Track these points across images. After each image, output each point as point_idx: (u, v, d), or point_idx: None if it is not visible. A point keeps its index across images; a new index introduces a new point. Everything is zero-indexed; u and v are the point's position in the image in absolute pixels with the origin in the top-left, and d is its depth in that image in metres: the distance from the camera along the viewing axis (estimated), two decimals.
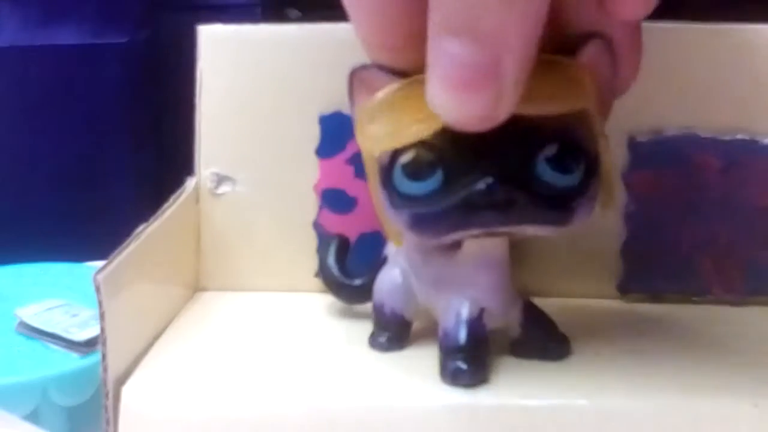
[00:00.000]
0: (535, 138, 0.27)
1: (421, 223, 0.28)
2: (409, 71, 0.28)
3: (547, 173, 0.27)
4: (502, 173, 0.27)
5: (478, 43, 0.25)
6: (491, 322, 0.30)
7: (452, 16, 0.25)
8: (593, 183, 0.28)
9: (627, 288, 0.36)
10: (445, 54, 0.26)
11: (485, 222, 0.27)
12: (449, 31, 0.26)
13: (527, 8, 0.25)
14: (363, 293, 0.34)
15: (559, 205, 0.27)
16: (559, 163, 0.27)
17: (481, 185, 0.27)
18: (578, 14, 0.29)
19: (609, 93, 0.30)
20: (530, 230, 0.28)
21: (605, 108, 0.30)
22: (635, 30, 0.30)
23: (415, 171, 0.28)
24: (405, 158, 0.28)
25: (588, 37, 0.28)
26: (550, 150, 0.27)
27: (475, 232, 0.28)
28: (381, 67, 0.29)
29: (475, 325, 0.30)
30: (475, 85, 0.25)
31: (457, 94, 0.26)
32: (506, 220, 0.27)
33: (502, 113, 0.26)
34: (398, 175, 0.28)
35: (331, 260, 0.35)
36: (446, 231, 0.28)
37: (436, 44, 0.26)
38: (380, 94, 0.28)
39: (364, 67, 0.30)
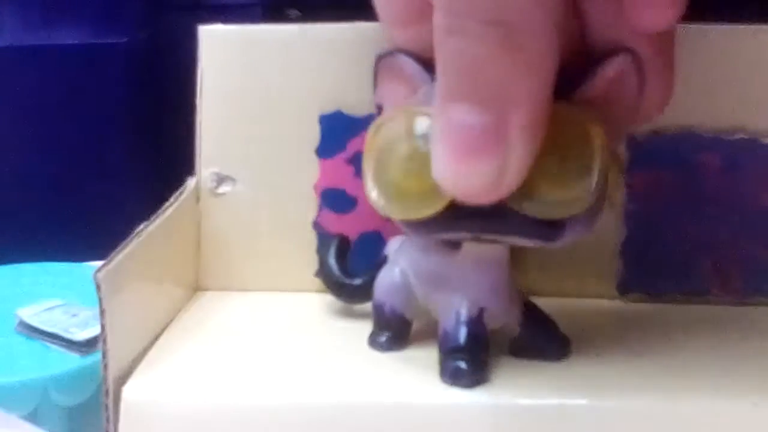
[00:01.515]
0: None
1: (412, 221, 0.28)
2: (427, 53, 0.28)
3: None
4: None
5: (483, 104, 0.25)
6: (491, 322, 0.30)
7: (456, 80, 0.25)
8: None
9: (626, 288, 0.36)
10: (450, 122, 0.25)
11: (472, 227, 0.28)
12: (454, 97, 0.25)
13: (533, 61, 0.25)
14: (363, 293, 0.33)
15: (549, 222, 0.27)
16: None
17: None
18: (603, 29, 0.28)
19: (632, 113, 0.29)
20: (518, 241, 0.28)
21: (624, 128, 0.30)
22: (666, 50, 0.29)
23: None
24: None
25: (616, 51, 0.28)
26: None
27: (462, 235, 0.28)
28: (406, 54, 0.29)
29: (475, 324, 0.30)
30: (481, 149, 0.25)
31: (462, 163, 0.25)
32: (492, 228, 0.28)
33: (509, 182, 0.25)
34: None
35: (332, 260, 0.35)
36: (435, 232, 0.28)
37: (442, 115, 0.25)
38: (385, 141, 0.28)
39: (390, 54, 0.30)
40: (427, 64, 0.29)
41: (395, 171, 0.28)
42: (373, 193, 0.28)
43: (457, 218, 0.27)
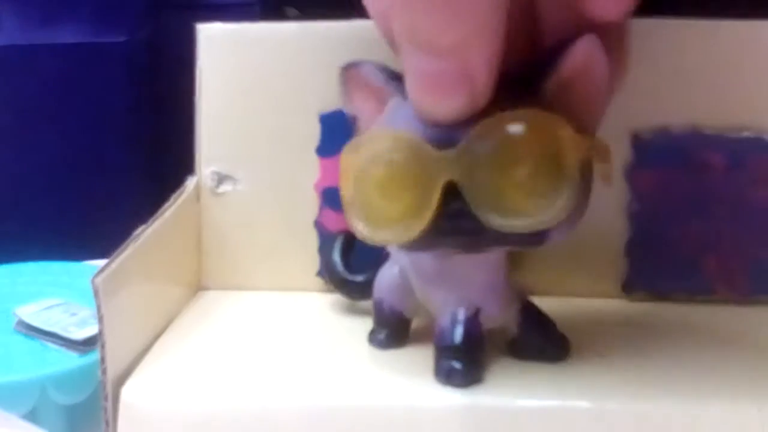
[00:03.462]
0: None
1: None
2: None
3: None
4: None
5: (441, 55, 0.26)
6: (487, 322, 0.30)
7: (411, 30, 0.26)
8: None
9: (631, 287, 0.36)
10: (412, 63, 0.26)
11: (455, 245, 0.28)
12: (412, 44, 0.26)
13: (485, 13, 0.25)
14: (365, 289, 0.33)
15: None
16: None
17: (448, 210, 0.27)
18: (554, 22, 0.29)
19: (605, 94, 0.29)
20: (505, 249, 0.28)
21: (600, 109, 0.29)
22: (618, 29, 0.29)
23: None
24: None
25: (579, 36, 0.28)
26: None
27: (448, 251, 0.28)
28: (372, 64, 0.30)
29: (471, 324, 0.30)
30: (446, 91, 0.26)
31: (431, 99, 0.26)
32: (475, 245, 0.28)
33: (480, 104, 0.26)
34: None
35: (336, 256, 0.35)
36: (418, 249, 0.28)
37: (403, 52, 0.26)
38: (360, 166, 0.28)
39: (354, 65, 0.30)
40: (394, 74, 0.29)
41: (370, 198, 0.28)
42: (358, 224, 0.28)
43: (439, 237, 0.27)
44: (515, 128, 0.26)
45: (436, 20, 0.25)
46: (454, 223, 0.27)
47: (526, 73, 0.28)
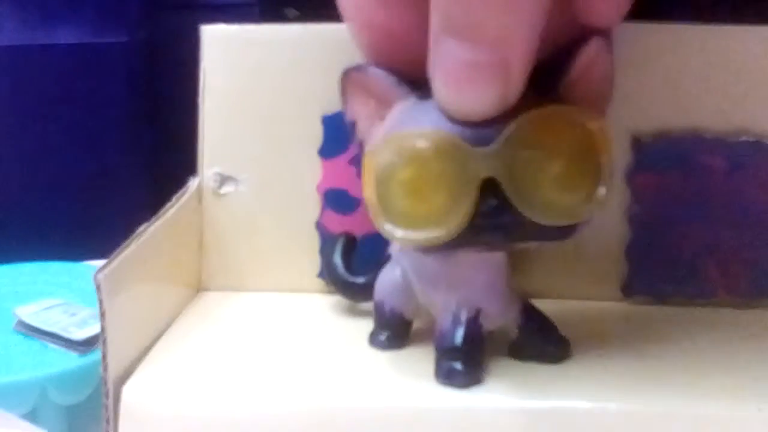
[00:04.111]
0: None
1: None
2: (398, 60, 0.28)
3: None
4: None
5: (483, 45, 0.25)
6: (488, 323, 0.30)
7: (454, 18, 0.26)
8: None
9: (631, 290, 0.36)
10: (449, 54, 0.26)
11: (490, 242, 0.28)
12: (452, 33, 0.26)
13: (530, 9, 0.25)
14: (366, 291, 0.33)
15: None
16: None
17: (485, 207, 0.27)
18: (548, 26, 0.29)
19: (608, 90, 0.30)
20: (534, 245, 0.28)
21: (604, 105, 0.30)
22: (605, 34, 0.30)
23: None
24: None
25: (586, 38, 0.28)
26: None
27: (479, 249, 0.28)
28: (376, 67, 0.30)
29: (471, 325, 0.30)
30: (482, 83, 0.26)
31: (464, 92, 0.26)
32: (510, 240, 0.28)
33: (511, 100, 0.26)
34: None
35: (337, 258, 0.35)
36: (449, 250, 0.28)
37: (439, 44, 0.26)
38: (382, 171, 0.28)
39: (357, 69, 0.30)
40: (400, 77, 0.29)
41: (400, 198, 0.28)
42: (387, 227, 0.28)
43: (473, 235, 0.27)
44: (555, 123, 0.27)
45: (483, 8, 0.25)
46: (490, 220, 0.27)
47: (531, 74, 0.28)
